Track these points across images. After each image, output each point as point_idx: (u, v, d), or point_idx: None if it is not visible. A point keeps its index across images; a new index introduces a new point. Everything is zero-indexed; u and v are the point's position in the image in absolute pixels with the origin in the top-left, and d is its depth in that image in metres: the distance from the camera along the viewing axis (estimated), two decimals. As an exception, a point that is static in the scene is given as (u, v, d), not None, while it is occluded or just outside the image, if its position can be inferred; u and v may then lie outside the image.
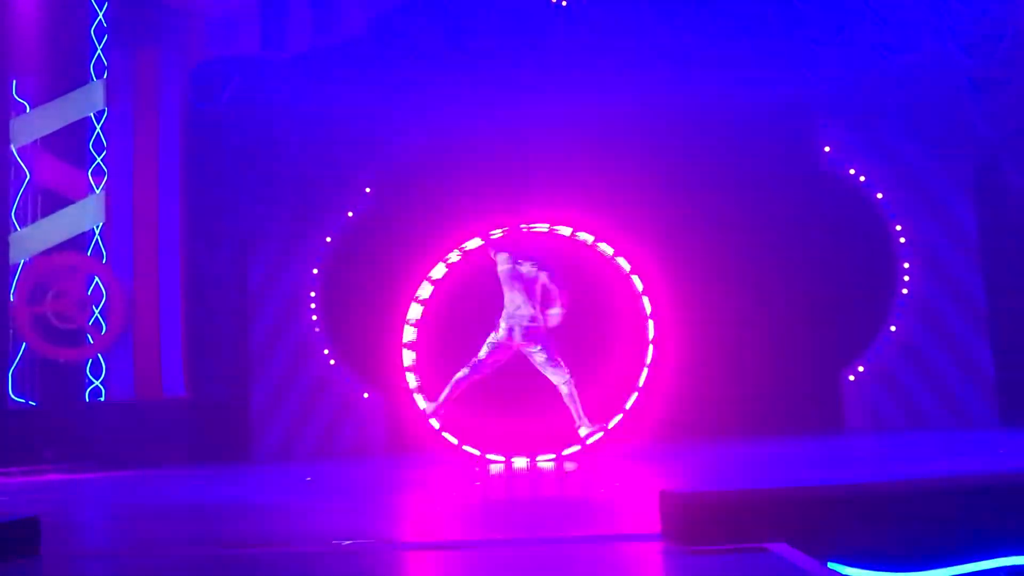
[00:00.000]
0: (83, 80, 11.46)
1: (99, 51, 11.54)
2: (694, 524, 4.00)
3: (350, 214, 11.46)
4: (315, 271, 11.47)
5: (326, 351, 11.38)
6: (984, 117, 10.17)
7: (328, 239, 11.46)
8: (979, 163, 10.46)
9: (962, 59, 10.10)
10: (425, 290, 9.85)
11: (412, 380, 9.65)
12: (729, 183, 10.83)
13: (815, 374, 10.65)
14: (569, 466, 8.87)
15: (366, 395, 11.26)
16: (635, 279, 9.85)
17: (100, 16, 11.54)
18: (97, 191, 11.41)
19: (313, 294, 11.46)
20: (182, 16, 11.14)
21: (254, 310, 11.43)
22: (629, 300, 10.09)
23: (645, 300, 9.79)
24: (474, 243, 9.65)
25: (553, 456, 9.37)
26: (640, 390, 9.70)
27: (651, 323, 9.81)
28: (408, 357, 9.69)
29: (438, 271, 9.83)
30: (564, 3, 10.73)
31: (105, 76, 11.48)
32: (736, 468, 7.71)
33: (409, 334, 9.77)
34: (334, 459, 10.86)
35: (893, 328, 10.67)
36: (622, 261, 9.90)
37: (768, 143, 10.78)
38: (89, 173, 11.45)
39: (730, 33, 10.42)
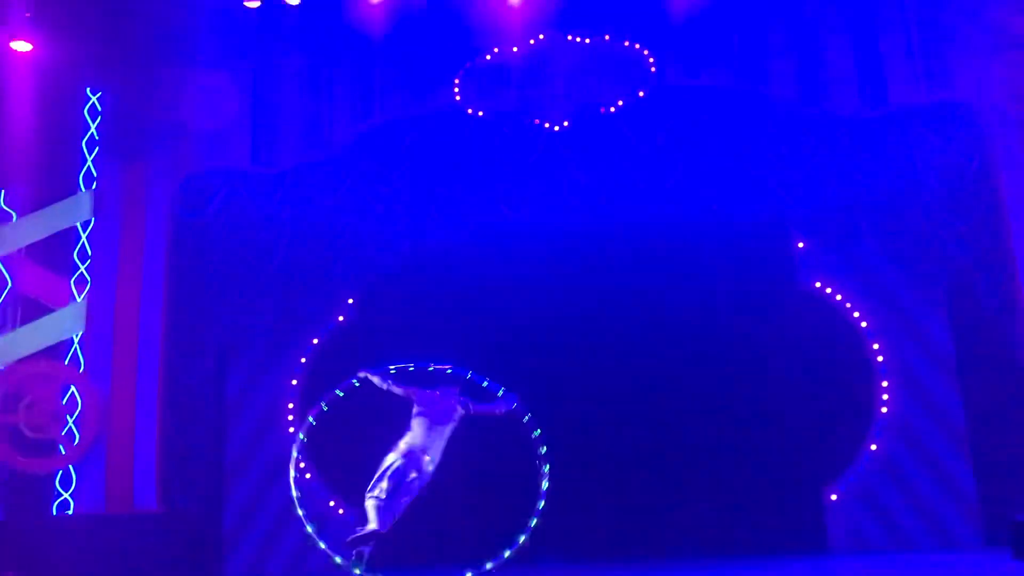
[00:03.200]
0: (72, 190, 11.58)
1: (89, 162, 11.71)
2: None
3: (331, 326, 11.47)
4: (294, 383, 11.40)
5: (303, 464, 11.20)
6: (956, 239, 10.40)
7: (307, 353, 11.43)
8: (953, 284, 10.63)
9: (931, 182, 10.39)
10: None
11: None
12: (706, 302, 10.94)
13: (796, 494, 10.55)
14: None
15: (341, 511, 11.04)
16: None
17: (92, 129, 11.75)
18: (79, 299, 11.39)
19: (291, 406, 11.36)
20: (174, 130, 11.36)
21: (231, 422, 11.32)
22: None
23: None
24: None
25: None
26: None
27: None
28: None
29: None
30: (547, 125, 11.03)
31: (94, 187, 11.61)
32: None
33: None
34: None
35: (874, 448, 10.64)
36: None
37: (745, 263, 10.95)
38: (72, 282, 11.46)
39: (708, 155, 10.72)
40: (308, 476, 11.19)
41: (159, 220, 11.50)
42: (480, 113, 11.01)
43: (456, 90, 11.06)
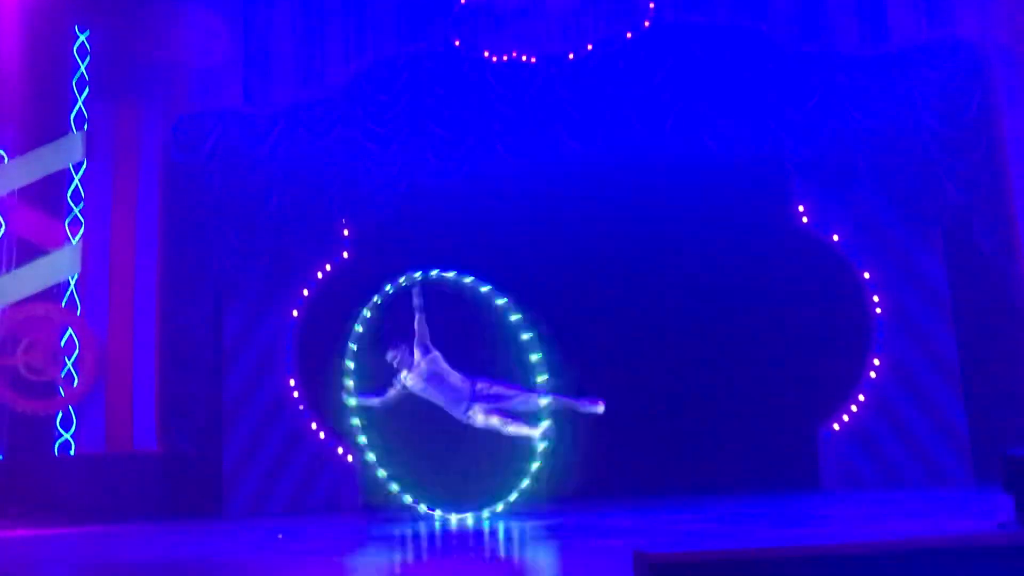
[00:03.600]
0: (63, 131, 11.48)
1: (80, 103, 11.59)
2: (668, 584, 3.97)
3: (328, 267, 11.47)
4: (291, 324, 11.43)
5: (301, 406, 11.30)
6: (954, 180, 10.35)
7: (305, 292, 11.45)
8: (950, 225, 10.62)
9: (931, 122, 10.31)
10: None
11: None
12: (704, 239, 10.94)
13: (791, 432, 10.66)
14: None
15: (340, 450, 11.15)
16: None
17: (82, 68, 11.61)
18: (74, 242, 11.36)
19: (289, 348, 11.40)
20: (165, 70, 11.21)
21: (228, 363, 11.37)
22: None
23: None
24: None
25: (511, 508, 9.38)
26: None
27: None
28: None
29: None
30: (534, 60, 10.89)
31: (85, 128, 11.51)
32: (712, 527, 7.68)
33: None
34: (307, 515, 10.73)
35: (868, 387, 10.73)
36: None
37: (743, 201, 10.92)
38: (66, 224, 11.42)
39: (706, 93, 10.61)
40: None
41: (152, 161, 11.43)
42: (476, 51, 10.87)
43: (451, 27, 10.91)
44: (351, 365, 9.58)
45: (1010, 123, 10.36)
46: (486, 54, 10.88)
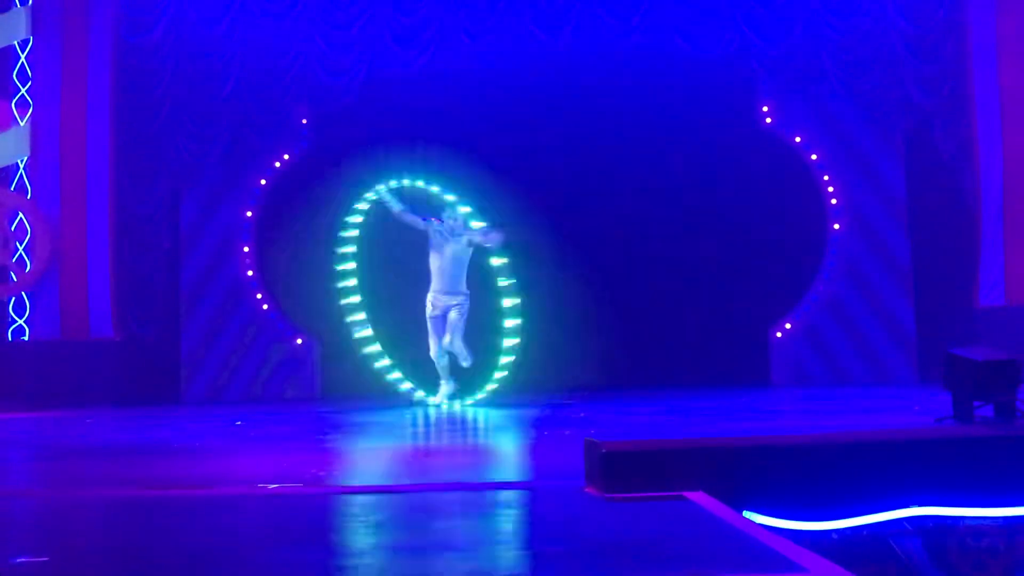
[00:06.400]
0: (6, 6, 11.01)
1: (24, -25, 11.08)
2: (616, 472, 4.10)
3: (286, 156, 11.28)
4: (249, 212, 11.30)
5: (259, 295, 11.27)
6: (918, 83, 10.35)
7: (263, 180, 11.28)
8: (911, 127, 10.65)
9: (900, 24, 10.23)
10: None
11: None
12: (667, 137, 10.90)
13: (744, 330, 10.86)
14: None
15: (300, 341, 11.19)
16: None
17: (26, -62, 11.06)
18: (21, 123, 11.02)
19: (247, 236, 11.30)
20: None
21: (186, 250, 11.27)
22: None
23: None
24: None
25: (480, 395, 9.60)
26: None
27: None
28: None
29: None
30: None
31: (30, 3, 11.04)
32: (660, 419, 7.87)
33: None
34: (265, 403, 10.82)
35: (821, 287, 10.91)
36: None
37: (707, 100, 10.83)
38: (13, 104, 11.04)
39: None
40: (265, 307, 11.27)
41: (103, 42, 11.01)
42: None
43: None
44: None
45: (976, 28, 10.32)
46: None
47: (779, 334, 10.93)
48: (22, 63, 11.08)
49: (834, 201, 10.92)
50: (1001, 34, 10.24)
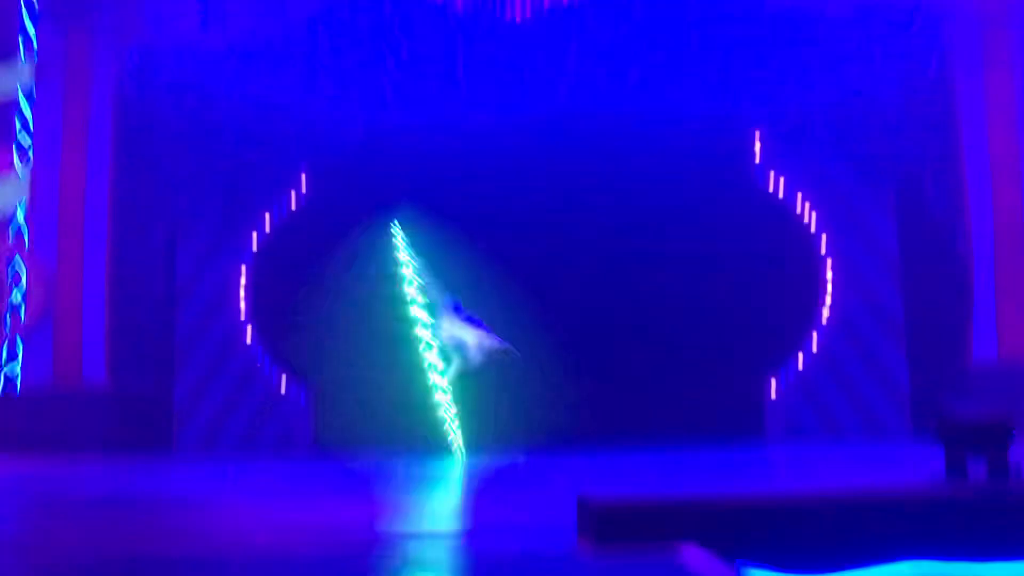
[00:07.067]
0: (12, 57, 11.15)
1: (30, 30, 11.24)
2: (610, 527, 4.09)
3: (283, 207, 11.37)
4: (245, 263, 11.35)
5: (253, 345, 11.28)
6: (909, 141, 10.51)
7: (260, 231, 11.35)
8: (902, 184, 10.79)
9: (889, 83, 10.41)
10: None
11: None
12: (660, 194, 10.97)
13: (739, 383, 10.87)
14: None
15: (294, 391, 11.18)
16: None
17: (33, -6, 11.25)
18: (21, 171, 11.11)
19: (243, 285, 11.34)
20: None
21: (181, 300, 11.28)
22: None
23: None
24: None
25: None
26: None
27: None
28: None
29: None
30: (501, 8, 10.78)
31: (36, 56, 11.18)
32: (655, 473, 7.84)
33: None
34: (257, 454, 10.76)
35: (815, 341, 10.95)
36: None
37: (701, 155, 10.96)
38: (14, 152, 11.14)
39: (669, 49, 10.59)
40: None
41: (105, 93, 11.14)
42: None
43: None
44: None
45: (963, 87, 10.51)
46: (452, 2, 10.75)
47: (773, 388, 10.94)
48: (26, 112, 11.20)
49: (826, 255, 11.01)
50: (988, 93, 10.43)
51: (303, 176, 11.35)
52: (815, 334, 10.96)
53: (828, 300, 10.97)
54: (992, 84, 10.44)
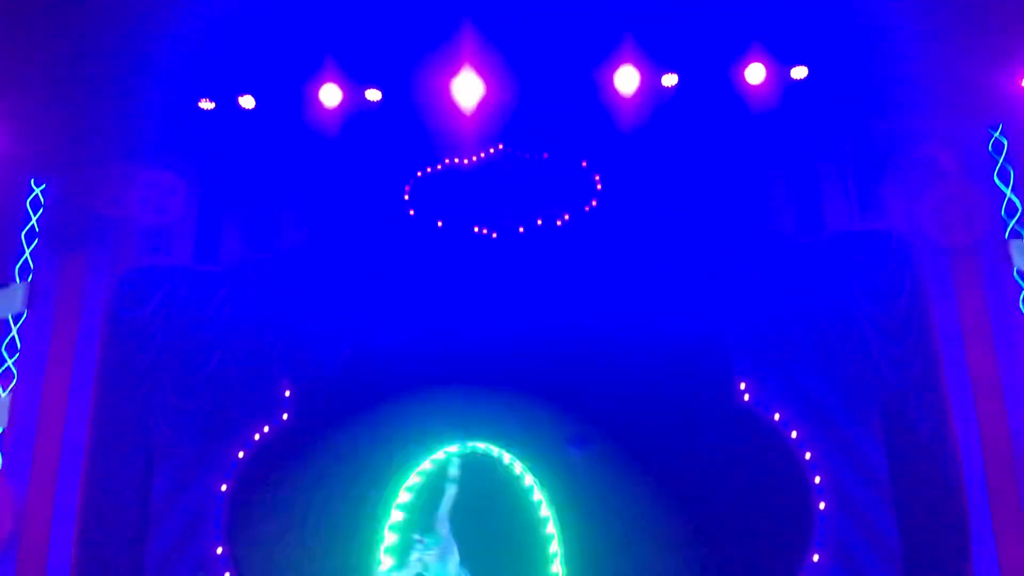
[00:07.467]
0: (6, 282, 11.37)
1: (27, 254, 11.54)
2: None
3: (266, 428, 11.23)
4: (224, 486, 11.05)
5: (227, 574, 10.78)
6: (889, 362, 10.62)
7: (241, 453, 11.15)
8: (887, 406, 10.78)
9: (865, 305, 10.66)
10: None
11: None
12: (641, 415, 10.89)
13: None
14: None
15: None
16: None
17: (33, 220, 11.62)
18: (3, 394, 11.03)
19: (218, 512, 10.98)
20: (116, 225, 11.29)
21: (154, 527, 10.90)
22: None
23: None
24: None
25: None
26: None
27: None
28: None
29: None
30: (485, 232, 11.22)
31: (29, 279, 11.41)
32: None
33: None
34: None
35: (809, 570, 10.54)
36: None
37: (684, 378, 10.99)
38: (-2, 376, 11.11)
39: (649, 272, 10.93)
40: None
41: (94, 316, 11.28)
42: (436, 222, 11.19)
43: (406, 196, 11.26)
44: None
45: (938, 312, 10.75)
46: (440, 223, 11.20)
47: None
48: (13, 335, 11.27)
49: (817, 479, 10.82)
50: (964, 316, 10.66)
51: (287, 397, 11.29)
52: (810, 563, 10.57)
53: (820, 525, 10.65)
54: (965, 307, 10.69)
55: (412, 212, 11.21)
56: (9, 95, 10.52)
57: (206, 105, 10.88)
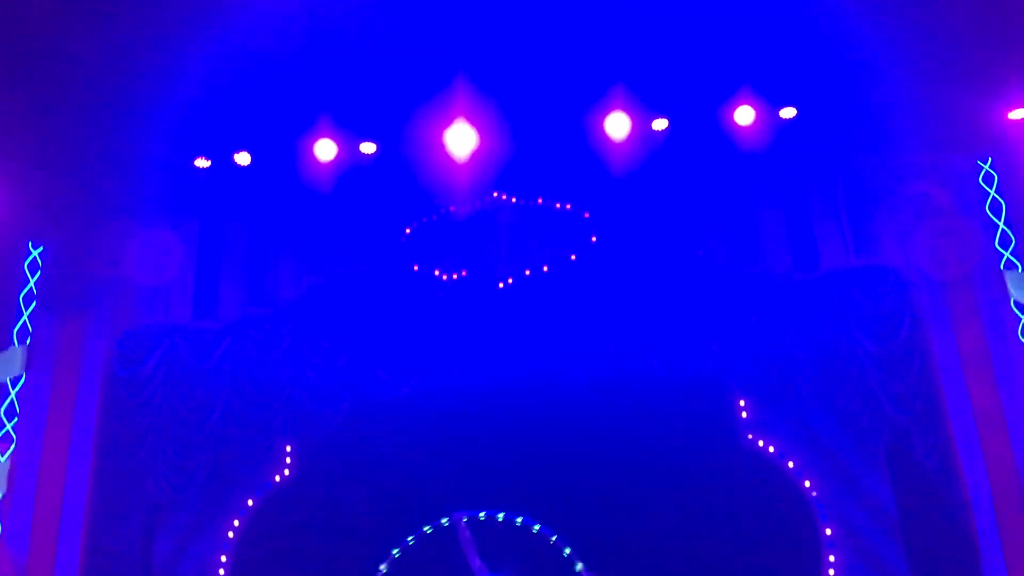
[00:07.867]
0: (4, 345, 11.35)
1: (25, 317, 11.53)
2: None
3: (268, 484, 11.13)
4: (226, 547, 10.93)
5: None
6: (891, 399, 10.58)
7: (243, 511, 11.04)
8: (890, 442, 10.71)
9: (864, 342, 10.65)
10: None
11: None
12: (649, 458, 10.83)
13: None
14: None
15: None
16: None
17: (31, 283, 11.63)
18: (2, 459, 10.95)
19: (223, 570, 10.85)
20: (114, 285, 11.30)
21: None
22: None
23: None
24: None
25: None
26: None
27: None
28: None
29: None
30: (483, 280, 11.25)
31: (28, 342, 11.39)
32: None
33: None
34: None
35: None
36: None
37: (687, 419, 10.95)
38: (-3, 439, 11.05)
39: (648, 313, 10.94)
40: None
41: (93, 376, 11.26)
42: (428, 269, 11.20)
43: (402, 248, 11.30)
44: None
45: (938, 346, 10.74)
46: (436, 272, 11.22)
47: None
48: (11, 399, 11.22)
49: (822, 514, 10.71)
50: (963, 348, 10.65)
51: (288, 452, 11.22)
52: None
53: (828, 564, 10.53)
54: (964, 342, 10.68)
55: (416, 268, 11.25)
56: (4, 158, 10.58)
57: (202, 163, 10.95)
